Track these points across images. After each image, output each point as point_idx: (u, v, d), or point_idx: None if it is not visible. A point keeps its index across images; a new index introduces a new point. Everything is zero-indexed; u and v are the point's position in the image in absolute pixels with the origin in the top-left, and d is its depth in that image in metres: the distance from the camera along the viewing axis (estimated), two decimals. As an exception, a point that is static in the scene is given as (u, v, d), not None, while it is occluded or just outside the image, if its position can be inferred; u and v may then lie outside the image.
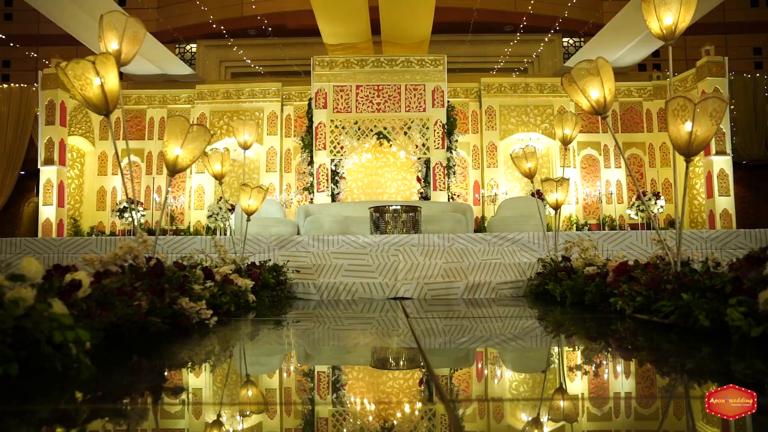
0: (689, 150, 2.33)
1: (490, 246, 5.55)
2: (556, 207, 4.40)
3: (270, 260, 4.92)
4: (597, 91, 2.72)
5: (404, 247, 5.34)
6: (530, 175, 4.73)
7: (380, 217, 6.70)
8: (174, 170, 2.65)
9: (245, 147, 5.00)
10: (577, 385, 1.55)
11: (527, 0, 12.05)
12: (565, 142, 4.71)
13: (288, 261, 4.78)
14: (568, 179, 4.36)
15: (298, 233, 7.43)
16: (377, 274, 4.67)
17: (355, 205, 8.33)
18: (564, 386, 1.50)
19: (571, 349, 2.24)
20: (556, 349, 2.25)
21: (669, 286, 2.33)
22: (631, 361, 1.96)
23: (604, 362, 1.93)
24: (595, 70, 2.69)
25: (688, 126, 2.30)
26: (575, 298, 3.31)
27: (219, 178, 4.65)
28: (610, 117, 2.86)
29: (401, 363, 1.90)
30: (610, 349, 2.25)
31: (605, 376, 1.70)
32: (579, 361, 1.92)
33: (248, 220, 4.60)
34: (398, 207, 6.62)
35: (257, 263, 4.80)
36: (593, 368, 1.80)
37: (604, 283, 3.05)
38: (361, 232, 7.34)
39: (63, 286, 1.64)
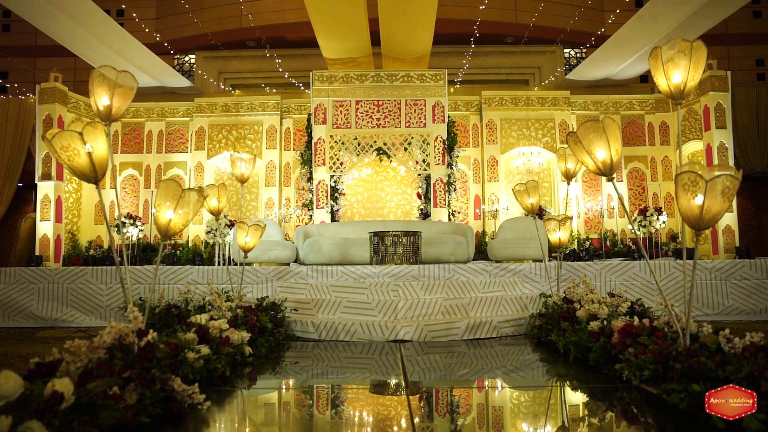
0: (700, 224, 2.25)
1: (491, 277, 5.47)
2: (559, 246, 4.31)
3: (268, 296, 4.85)
4: (603, 151, 2.63)
5: (404, 280, 5.26)
6: (533, 211, 4.64)
7: (380, 242, 6.61)
8: (166, 235, 2.57)
9: (242, 180, 4.92)
10: None
11: (528, 11, 11.96)
12: (569, 177, 4.63)
13: (286, 298, 4.69)
14: (571, 217, 4.28)
15: (297, 256, 7.35)
16: (377, 312, 4.58)
17: (354, 226, 8.24)
18: None
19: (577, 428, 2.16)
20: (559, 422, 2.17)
21: (678, 365, 2.24)
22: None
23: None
24: (601, 130, 2.60)
25: (699, 199, 2.21)
26: (579, 353, 3.23)
27: (216, 214, 4.56)
28: (616, 177, 2.77)
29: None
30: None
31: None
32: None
33: (245, 257, 4.52)
34: (398, 232, 6.52)
35: (255, 301, 4.73)
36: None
37: (609, 343, 2.97)
38: (360, 255, 7.27)
39: (43, 401, 1.56)
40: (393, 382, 3.10)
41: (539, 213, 10.00)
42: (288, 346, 4.19)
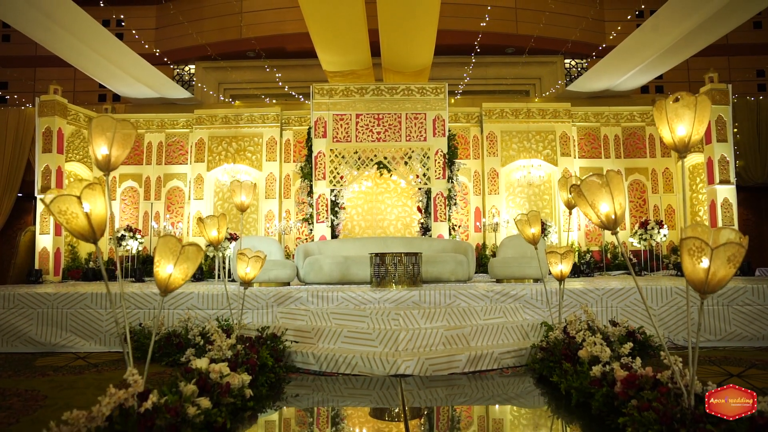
0: (705, 288, 2.22)
1: (492, 303, 5.45)
2: (561, 278, 4.29)
3: (269, 326, 4.83)
4: (607, 204, 2.61)
5: (405, 306, 5.24)
6: (534, 242, 4.62)
7: (381, 262, 6.59)
8: (166, 290, 2.54)
9: (242, 209, 4.89)
10: None
11: (529, 22, 11.93)
12: (570, 207, 4.61)
13: (287, 330, 4.67)
14: (573, 251, 4.26)
15: (298, 275, 7.33)
16: (377, 343, 4.56)
17: (354, 243, 8.22)
18: None
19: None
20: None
21: (684, 430, 2.22)
22: None
23: None
24: (605, 184, 2.58)
25: (704, 263, 2.19)
26: (581, 398, 3.21)
27: (215, 244, 4.54)
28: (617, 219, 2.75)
29: None
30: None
31: None
32: None
33: (245, 289, 4.49)
34: (399, 253, 6.50)
35: (256, 331, 4.71)
36: None
37: (612, 391, 2.95)
38: (361, 274, 7.25)
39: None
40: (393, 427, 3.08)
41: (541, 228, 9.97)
42: (289, 380, 4.17)
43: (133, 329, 5.28)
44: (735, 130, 11.00)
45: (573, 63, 12.65)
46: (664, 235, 10.24)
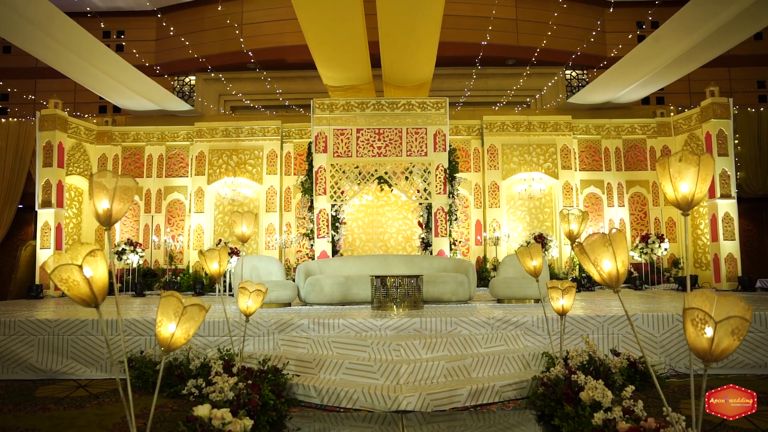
0: (708, 357, 2.22)
1: (494, 330, 5.44)
2: (562, 313, 4.29)
3: (269, 358, 4.82)
4: (609, 262, 2.60)
5: (406, 336, 5.23)
6: (536, 274, 4.62)
7: (381, 285, 6.59)
8: (169, 349, 2.54)
9: (243, 240, 4.88)
10: None
11: (530, 34, 11.91)
12: (572, 238, 4.60)
13: (288, 362, 4.67)
14: (574, 285, 4.25)
15: (299, 294, 7.33)
16: (378, 375, 4.56)
17: (355, 261, 8.21)
18: None
19: None
20: None
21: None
22: None
23: None
24: (608, 243, 2.58)
25: (708, 332, 2.18)
26: (583, 445, 3.21)
27: (216, 276, 4.54)
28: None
29: None
30: None
31: None
32: None
33: (246, 320, 4.49)
34: (400, 276, 6.50)
35: (257, 364, 4.71)
36: None
37: (615, 444, 2.95)
38: (362, 294, 7.25)
39: None
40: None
41: (541, 242, 9.98)
42: (290, 416, 4.16)
43: (133, 357, 5.27)
44: (736, 141, 10.99)
45: (574, 74, 12.64)
46: (665, 249, 10.25)
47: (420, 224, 9.97)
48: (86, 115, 11.93)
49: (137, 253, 10.22)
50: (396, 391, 4.29)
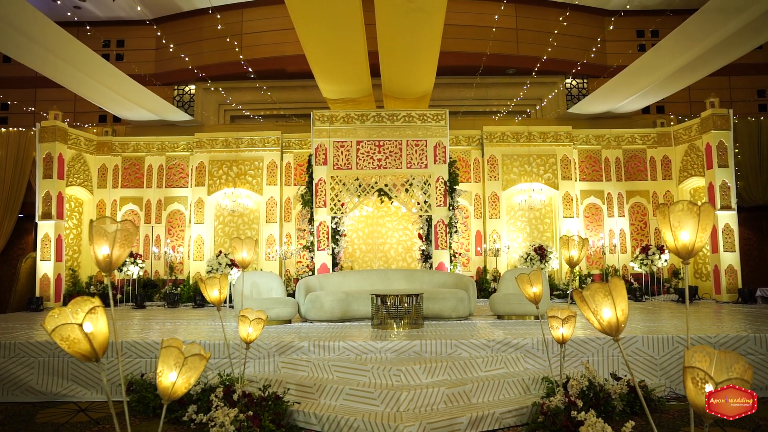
0: (708, 415, 2.22)
1: (494, 353, 5.45)
2: (562, 342, 4.29)
3: (270, 384, 4.82)
4: (609, 310, 2.61)
5: (406, 360, 5.23)
6: (536, 301, 4.62)
7: (381, 303, 6.59)
8: (170, 398, 2.54)
9: (243, 265, 4.89)
10: None
11: (530, 43, 11.91)
12: (572, 265, 4.60)
13: (288, 390, 4.67)
14: (575, 315, 4.25)
15: (299, 311, 7.33)
16: (379, 402, 4.56)
17: (355, 276, 8.21)
18: None
19: None
20: None
21: None
22: None
23: None
24: (608, 293, 2.58)
25: (708, 388, 2.18)
26: (584, 484, 3.21)
27: (217, 304, 4.54)
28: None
29: None
30: None
31: None
32: None
33: (247, 348, 4.49)
34: (399, 295, 6.51)
35: (258, 390, 4.71)
36: None
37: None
38: (362, 310, 7.26)
39: None
40: None
41: (541, 254, 9.98)
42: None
43: (133, 380, 5.27)
44: (736, 150, 10.99)
45: (574, 83, 12.63)
46: (665, 260, 10.24)
47: (420, 236, 9.97)
48: (86, 125, 11.93)
49: (137, 264, 10.21)
50: (396, 420, 4.29)
